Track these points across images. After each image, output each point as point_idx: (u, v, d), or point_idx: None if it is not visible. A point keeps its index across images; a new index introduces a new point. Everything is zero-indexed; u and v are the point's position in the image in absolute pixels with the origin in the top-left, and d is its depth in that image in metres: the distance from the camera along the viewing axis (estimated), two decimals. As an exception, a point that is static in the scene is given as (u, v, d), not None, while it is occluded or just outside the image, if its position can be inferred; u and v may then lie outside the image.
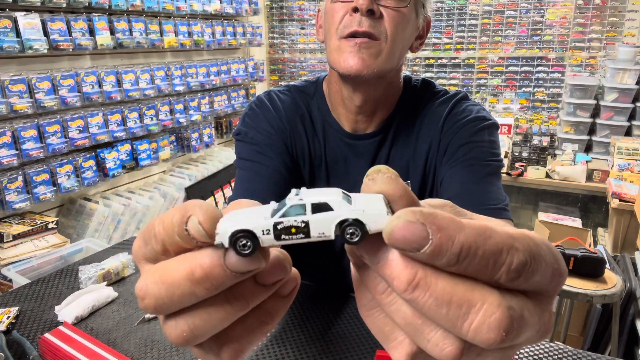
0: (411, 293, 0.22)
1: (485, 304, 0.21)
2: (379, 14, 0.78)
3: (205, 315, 0.25)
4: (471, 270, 0.22)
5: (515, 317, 0.22)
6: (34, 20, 2.13)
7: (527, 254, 0.22)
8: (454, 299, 0.21)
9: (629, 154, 2.79)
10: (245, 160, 0.90)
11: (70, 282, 1.10)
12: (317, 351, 0.81)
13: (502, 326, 0.21)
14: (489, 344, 0.21)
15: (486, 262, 0.22)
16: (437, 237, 0.21)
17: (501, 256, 0.22)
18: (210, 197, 3.27)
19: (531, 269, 0.22)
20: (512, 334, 0.22)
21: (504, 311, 0.21)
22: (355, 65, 0.78)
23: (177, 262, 0.25)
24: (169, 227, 0.25)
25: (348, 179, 0.94)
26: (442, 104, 0.91)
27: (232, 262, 0.24)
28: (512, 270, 0.22)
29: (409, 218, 0.22)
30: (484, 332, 0.21)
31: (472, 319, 0.21)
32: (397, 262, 0.22)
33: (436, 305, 0.22)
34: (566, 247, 1.74)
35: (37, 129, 2.20)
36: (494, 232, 0.22)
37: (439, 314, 0.22)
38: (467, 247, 0.21)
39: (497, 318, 0.21)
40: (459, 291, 0.22)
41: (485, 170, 0.83)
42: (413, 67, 3.84)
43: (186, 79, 3.08)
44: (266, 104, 0.95)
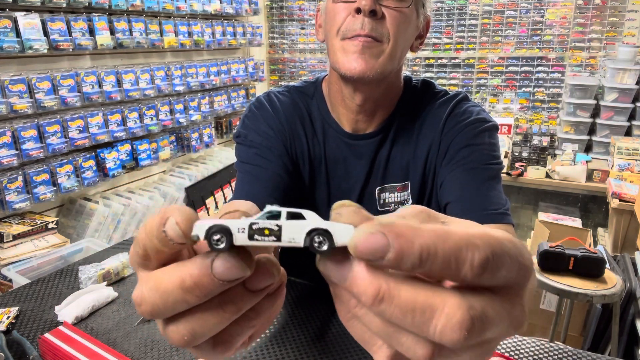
0: (378, 306, 0.23)
1: (446, 308, 0.23)
2: (381, 15, 0.78)
3: (202, 320, 0.27)
4: (436, 270, 0.23)
5: (476, 316, 0.23)
6: (34, 20, 2.13)
7: (488, 250, 0.23)
8: (418, 306, 0.23)
9: (629, 154, 2.79)
10: (245, 164, 0.90)
11: (70, 282, 1.10)
12: (317, 351, 0.81)
13: (464, 326, 0.23)
14: (454, 343, 0.23)
15: (448, 261, 0.23)
16: (397, 243, 0.22)
17: (461, 254, 0.23)
18: (210, 197, 3.27)
19: (495, 264, 0.23)
20: (475, 332, 0.23)
21: (464, 312, 0.23)
22: (358, 67, 0.78)
23: (169, 271, 0.27)
24: (149, 231, 0.26)
25: (348, 179, 0.94)
26: (443, 105, 0.91)
27: (219, 271, 0.25)
28: (475, 266, 0.23)
29: (369, 230, 0.23)
30: (448, 334, 0.23)
31: (435, 323, 0.23)
32: (362, 279, 0.24)
33: (402, 314, 0.23)
34: (566, 247, 1.74)
35: (37, 129, 2.20)
36: (453, 233, 0.23)
37: (405, 321, 0.23)
38: (426, 249, 0.22)
39: (458, 320, 0.23)
40: (421, 298, 0.23)
41: (486, 174, 0.83)
42: (413, 67, 3.84)
43: (186, 79, 3.08)
44: (265, 106, 0.95)
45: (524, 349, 0.83)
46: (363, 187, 0.94)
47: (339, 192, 0.95)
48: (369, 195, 0.94)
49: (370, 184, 0.94)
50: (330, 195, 0.96)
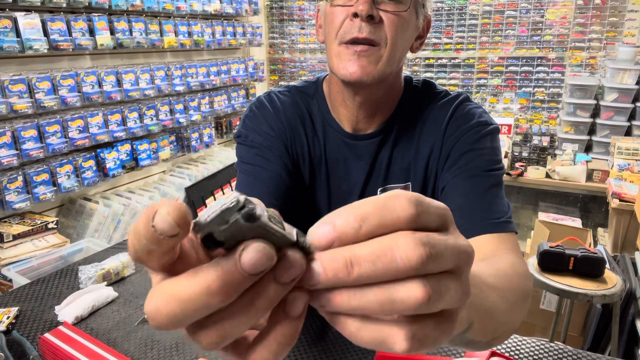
0: (353, 272, 0.26)
1: (398, 240, 0.26)
2: (379, 19, 0.78)
3: (234, 320, 0.27)
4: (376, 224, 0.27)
5: (423, 237, 0.26)
6: (34, 20, 2.13)
7: (410, 194, 0.28)
8: (378, 252, 0.26)
9: (629, 154, 2.79)
10: (246, 164, 0.90)
11: (70, 282, 1.10)
12: (317, 351, 0.81)
13: (418, 243, 0.26)
14: (421, 259, 0.26)
15: (381, 213, 0.27)
16: (335, 220, 0.27)
17: (389, 204, 0.27)
18: (210, 197, 3.27)
19: (420, 202, 0.27)
20: (430, 247, 0.26)
21: (413, 235, 0.26)
22: (355, 72, 0.78)
23: (188, 279, 0.25)
24: (137, 231, 0.25)
25: (348, 179, 0.94)
26: (444, 107, 0.91)
27: (250, 264, 0.25)
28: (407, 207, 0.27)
29: (315, 226, 0.27)
30: (412, 254, 0.26)
31: (398, 255, 0.26)
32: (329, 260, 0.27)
33: (373, 264, 0.26)
34: (566, 247, 1.74)
35: (37, 129, 2.20)
36: (377, 196, 0.28)
37: (379, 269, 0.26)
38: (358, 213, 0.27)
39: (412, 240, 0.26)
40: (377, 245, 0.26)
41: (488, 182, 0.83)
42: (413, 67, 3.84)
43: (186, 79, 3.08)
44: (266, 106, 0.95)
45: (524, 349, 0.83)
46: (363, 188, 0.94)
47: (339, 192, 0.95)
48: (369, 195, 0.94)
49: (371, 185, 0.94)
50: (330, 196, 0.95)
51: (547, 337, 2.08)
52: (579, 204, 3.15)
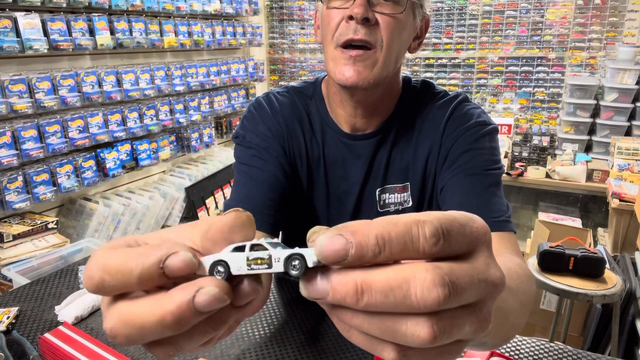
0: (362, 300, 0.25)
1: (417, 274, 0.24)
2: (375, 21, 0.77)
3: (187, 338, 0.28)
4: (396, 252, 0.25)
5: (446, 272, 0.25)
6: (34, 20, 2.13)
7: (435, 222, 0.25)
8: (394, 284, 0.24)
9: (629, 154, 2.79)
10: (243, 164, 0.90)
11: (70, 282, 1.10)
12: (317, 351, 0.81)
13: (437, 282, 0.24)
14: (438, 302, 0.24)
15: (403, 241, 0.25)
16: (354, 238, 0.25)
17: (412, 230, 0.25)
18: (210, 197, 3.27)
19: (447, 232, 0.25)
20: (451, 287, 0.24)
21: (433, 272, 0.24)
22: (350, 77, 0.78)
23: (145, 307, 0.26)
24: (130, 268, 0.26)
25: (346, 179, 0.94)
26: (443, 107, 0.91)
27: (202, 305, 0.25)
28: (429, 237, 0.25)
29: (328, 235, 0.25)
30: (427, 295, 0.24)
31: (413, 291, 0.24)
32: (338, 283, 0.25)
33: (384, 297, 0.24)
34: (566, 247, 1.74)
35: (37, 129, 2.20)
36: (401, 217, 0.26)
37: (390, 303, 0.24)
38: (380, 235, 0.25)
39: (430, 279, 0.24)
40: (393, 275, 0.25)
41: (487, 181, 0.83)
42: (413, 67, 3.84)
43: (186, 79, 3.08)
44: (264, 107, 0.95)
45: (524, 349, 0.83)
46: (362, 188, 0.94)
47: (338, 192, 0.95)
48: (368, 196, 0.94)
49: (370, 185, 0.94)
50: (329, 196, 0.95)
51: (547, 337, 2.08)
52: (579, 204, 3.15)
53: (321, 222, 0.96)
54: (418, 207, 0.93)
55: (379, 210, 0.94)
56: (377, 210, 0.94)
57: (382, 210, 0.94)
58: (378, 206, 0.94)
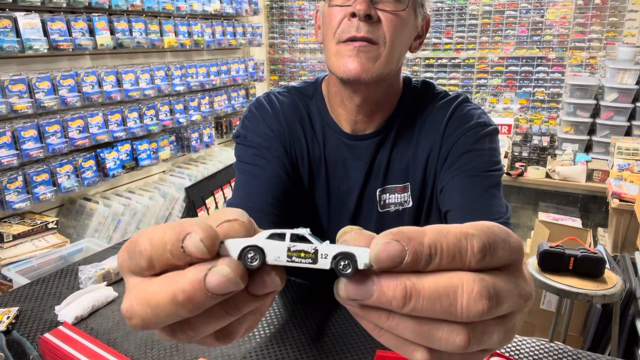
0: (409, 305, 0.25)
1: (465, 284, 0.25)
2: (377, 19, 0.78)
3: (203, 322, 0.27)
4: (445, 262, 0.25)
5: (490, 286, 0.25)
6: (34, 20, 2.13)
7: (483, 236, 0.26)
8: (442, 291, 0.25)
9: (629, 154, 2.79)
10: (244, 164, 0.90)
11: (70, 282, 1.10)
12: (317, 351, 0.81)
13: (484, 294, 0.25)
14: (481, 314, 0.25)
15: (453, 252, 0.25)
16: (411, 245, 0.25)
17: (462, 243, 0.26)
18: (210, 197, 3.27)
19: (492, 247, 0.26)
20: (494, 301, 0.25)
21: (480, 284, 0.25)
22: (354, 69, 0.78)
23: (160, 284, 0.26)
24: (159, 244, 0.26)
25: (347, 179, 0.94)
26: (443, 107, 0.91)
27: (213, 285, 0.25)
28: (476, 252, 0.26)
29: (384, 240, 0.25)
30: (473, 306, 0.25)
31: (460, 301, 0.25)
32: (388, 286, 0.25)
33: (431, 303, 0.25)
34: (566, 247, 1.74)
35: (37, 129, 2.20)
36: (450, 228, 0.26)
37: (435, 310, 0.25)
38: (433, 245, 0.25)
39: (477, 290, 0.25)
40: (442, 284, 0.25)
41: (487, 182, 0.83)
42: (413, 67, 3.84)
43: (186, 79, 3.08)
44: (265, 106, 0.95)
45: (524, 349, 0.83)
46: (362, 188, 0.94)
47: (338, 192, 0.95)
48: (368, 196, 0.94)
49: (370, 185, 0.94)
50: (329, 196, 0.95)
51: (547, 337, 2.08)
52: (579, 204, 3.15)
53: (322, 222, 0.96)
54: (418, 207, 0.93)
55: (379, 211, 0.94)
56: (378, 211, 0.94)
57: (383, 210, 0.94)
58: (378, 206, 0.94)
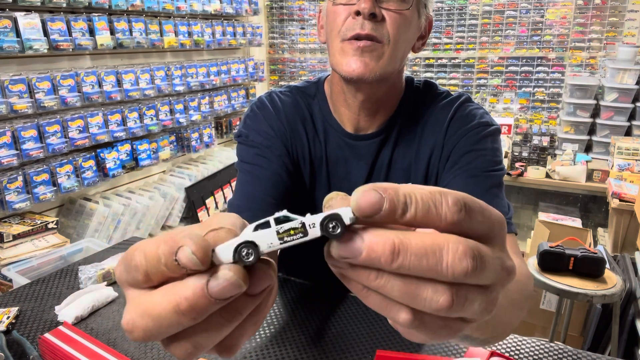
0: (397, 260, 0.25)
1: (450, 244, 0.26)
2: (381, 17, 0.78)
3: (205, 332, 0.27)
4: (421, 214, 0.26)
5: (474, 248, 0.26)
6: (34, 20, 2.13)
7: (457, 195, 0.27)
8: (428, 249, 0.26)
9: (629, 154, 2.79)
10: (245, 163, 0.90)
11: (70, 282, 1.10)
12: (317, 351, 0.81)
13: (468, 254, 0.26)
14: (465, 273, 0.26)
15: (427, 204, 0.26)
16: (387, 194, 0.26)
17: (435, 196, 0.27)
18: (210, 197, 3.27)
19: (467, 205, 0.27)
20: (479, 261, 0.26)
21: (464, 244, 0.26)
22: (357, 69, 0.78)
23: (161, 295, 0.26)
24: (153, 258, 0.26)
25: (348, 179, 0.94)
26: (446, 107, 0.91)
27: (216, 290, 0.25)
28: (451, 205, 0.26)
29: (363, 189, 0.26)
30: (458, 264, 0.25)
31: (446, 259, 0.25)
32: (376, 242, 0.26)
33: (417, 260, 0.25)
34: (566, 247, 1.74)
35: (37, 129, 2.20)
36: (424, 186, 0.27)
37: (422, 266, 0.26)
38: (408, 195, 0.26)
39: (462, 249, 0.26)
40: (428, 241, 0.26)
41: (489, 182, 0.83)
42: (413, 67, 3.84)
43: (186, 79, 3.08)
44: (267, 106, 0.95)
45: (524, 349, 0.83)
46: (363, 188, 0.93)
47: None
48: None
49: None
50: None
51: (547, 337, 2.08)
52: (579, 204, 3.15)
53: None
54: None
55: None
56: None
57: (383, 210, 0.94)
58: (379, 206, 0.94)
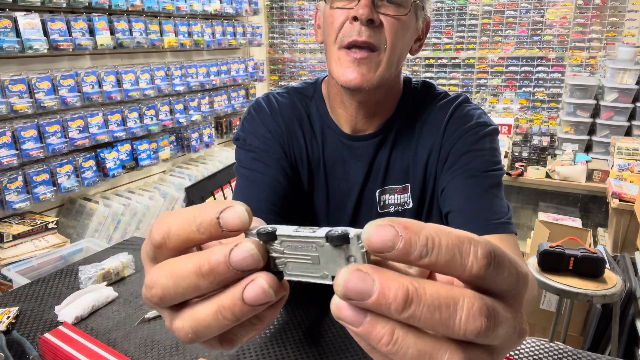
0: (409, 309, 0.23)
1: (466, 299, 0.24)
2: (379, 22, 0.77)
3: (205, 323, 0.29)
4: (442, 262, 0.24)
5: (491, 306, 0.25)
6: (34, 20, 2.13)
7: (489, 245, 0.25)
8: (442, 301, 0.24)
9: (629, 154, 2.79)
10: (244, 168, 0.90)
11: (70, 282, 1.10)
12: (317, 351, 0.81)
13: (483, 312, 0.24)
14: (478, 332, 0.24)
15: (452, 252, 0.24)
16: (405, 233, 0.24)
17: (464, 246, 0.24)
18: (210, 197, 3.27)
19: (498, 259, 0.25)
20: (493, 321, 0.24)
21: (481, 300, 0.24)
22: (354, 79, 0.78)
23: (186, 259, 0.28)
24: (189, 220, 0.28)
25: (346, 180, 0.94)
26: (443, 108, 0.91)
27: (237, 259, 0.27)
28: (480, 257, 0.24)
29: (379, 222, 0.24)
30: (471, 323, 0.24)
31: (459, 315, 0.24)
32: (389, 286, 0.24)
33: (430, 312, 0.24)
34: (566, 247, 1.74)
35: (37, 129, 2.20)
36: (455, 229, 0.25)
37: (434, 320, 0.24)
38: (431, 238, 0.24)
39: (478, 307, 0.24)
40: (443, 293, 0.24)
41: (488, 182, 0.83)
42: (413, 67, 3.84)
43: (186, 79, 3.08)
44: (264, 108, 0.95)
45: (524, 349, 0.83)
46: (362, 189, 0.93)
47: (338, 193, 0.95)
48: (368, 196, 0.94)
49: (369, 186, 0.93)
50: (328, 197, 0.95)
51: (547, 337, 2.08)
52: (579, 204, 3.15)
53: (321, 223, 0.96)
54: (419, 208, 0.93)
55: (378, 212, 0.94)
56: (377, 212, 0.94)
57: (382, 211, 0.94)
58: (378, 207, 0.94)
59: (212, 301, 0.28)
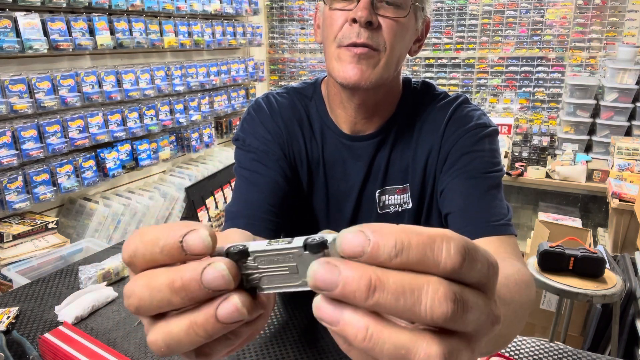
0: (372, 298, 0.24)
1: (430, 284, 0.24)
2: (378, 25, 0.77)
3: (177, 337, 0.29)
4: (413, 260, 0.25)
5: (458, 291, 0.25)
6: (34, 20, 2.13)
7: (462, 241, 0.25)
8: (407, 288, 0.24)
9: (629, 154, 2.79)
10: (243, 169, 0.90)
11: (70, 282, 1.10)
12: (317, 351, 0.81)
13: (449, 297, 0.24)
14: (445, 317, 0.24)
15: (423, 251, 0.24)
16: (373, 236, 0.25)
17: (435, 243, 0.25)
18: (210, 197, 3.27)
19: (471, 254, 0.25)
20: (460, 305, 0.24)
21: (447, 286, 0.24)
22: (353, 76, 0.78)
23: (163, 272, 0.28)
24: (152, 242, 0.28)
25: (346, 180, 0.94)
26: (443, 108, 0.91)
27: (208, 279, 0.27)
28: (453, 254, 0.25)
29: (349, 231, 0.25)
30: (437, 307, 0.24)
31: (424, 300, 0.24)
32: (352, 276, 0.25)
33: (395, 299, 0.24)
34: (566, 247, 1.74)
35: (37, 129, 2.20)
36: (428, 229, 0.25)
37: (399, 306, 0.24)
38: (400, 240, 0.24)
39: (443, 292, 0.24)
40: (407, 280, 0.24)
41: (488, 183, 0.82)
42: (413, 67, 3.84)
43: (186, 79, 3.08)
44: (263, 108, 0.94)
45: (524, 349, 0.83)
46: (361, 189, 0.93)
47: (337, 193, 0.95)
48: (367, 197, 0.94)
49: (369, 186, 0.93)
50: (328, 197, 0.95)
51: (547, 337, 2.08)
52: (579, 204, 3.15)
53: (320, 223, 0.96)
54: (418, 208, 0.93)
55: (378, 212, 0.94)
56: (377, 212, 0.94)
57: (382, 211, 0.94)
58: (378, 207, 0.94)
59: (186, 317, 0.28)
